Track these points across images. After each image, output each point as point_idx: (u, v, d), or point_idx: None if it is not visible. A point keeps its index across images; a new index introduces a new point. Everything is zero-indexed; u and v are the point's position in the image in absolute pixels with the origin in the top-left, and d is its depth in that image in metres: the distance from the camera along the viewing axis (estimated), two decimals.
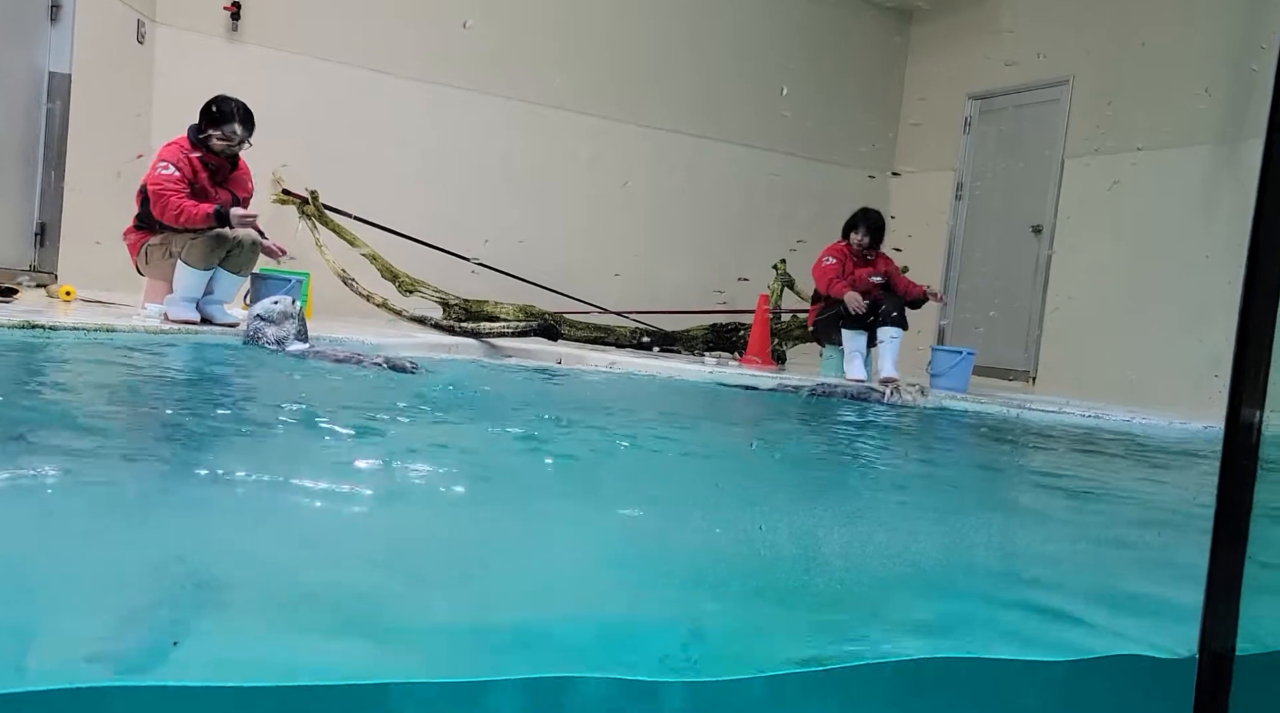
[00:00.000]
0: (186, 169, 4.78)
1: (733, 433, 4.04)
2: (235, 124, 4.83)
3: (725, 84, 8.90)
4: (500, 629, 1.39)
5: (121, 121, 6.64)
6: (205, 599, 1.41)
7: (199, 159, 4.84)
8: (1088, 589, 1.78)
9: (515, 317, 6.30)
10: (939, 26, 9.37)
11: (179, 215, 4.67)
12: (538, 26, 8.16)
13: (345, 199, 6.36)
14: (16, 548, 1.49)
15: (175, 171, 4.73)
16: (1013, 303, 8.27)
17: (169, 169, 4.72)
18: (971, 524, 2.34)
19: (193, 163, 4.81)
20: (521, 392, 4.47)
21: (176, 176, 4.72)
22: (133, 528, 1.68)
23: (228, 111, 4.84)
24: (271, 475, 2.03)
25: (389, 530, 1.86)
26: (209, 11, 7.09)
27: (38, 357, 3.53)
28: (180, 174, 4.74)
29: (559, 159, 8.33)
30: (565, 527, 1.92)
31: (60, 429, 2.29)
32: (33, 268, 5.78)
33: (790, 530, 2.07)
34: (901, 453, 3.84)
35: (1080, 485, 3.16)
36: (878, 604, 1.67)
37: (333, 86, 7.45)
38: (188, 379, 3.73)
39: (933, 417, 4.97)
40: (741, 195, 9.09)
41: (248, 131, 4.90)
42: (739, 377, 5.74)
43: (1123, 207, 7.49)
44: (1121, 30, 7.59)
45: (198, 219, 4.68)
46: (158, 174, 4.72)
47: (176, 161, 4.75)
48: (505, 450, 2.69)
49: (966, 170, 8.99)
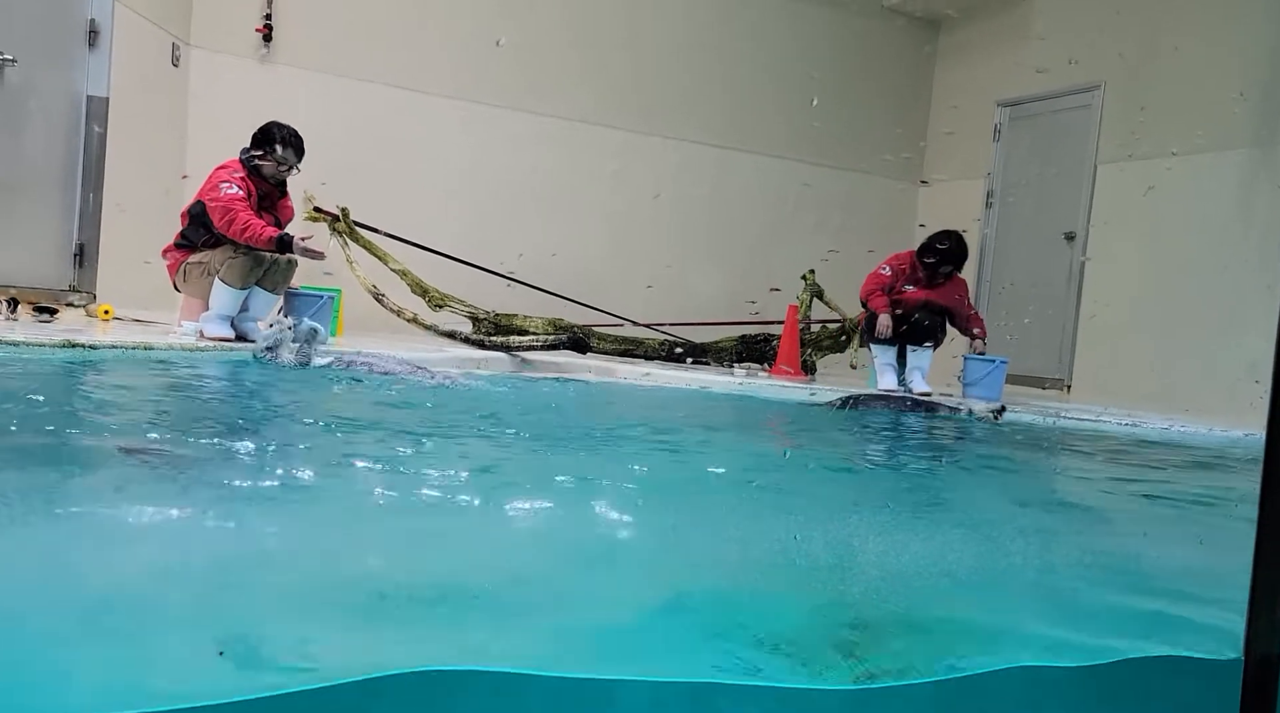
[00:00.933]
0: (247, 189, 4.86)
1: (844, 448, 4.03)
2: (288, 150, 4.91)
3: (753, 95, 8.90)
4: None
5: (158, 143, 6.76)
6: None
7: (251, 183, 4.92)
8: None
9: (544, 330, 6.31)
10: (968, 34, 9.32)
11: (245, 230, 4.72)
12: (564, 42, 8.21)
13: (376, 216, 6.42)
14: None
15: (239, 190, 4.80)
16: (1046, 311, 8.18)
17: (233, 188, 4.79)
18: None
19: (248, 185, 4.88)
20: (619, 406, 4.50)
21: (242, 195, 4.79)
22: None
23: (280, 138, 4.91)
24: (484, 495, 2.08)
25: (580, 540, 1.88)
26: (241, 34, 7.21)
27: (104, 375, 3.60)
28: (242, 193, 4.82)
29: (587, 173, 8.37)
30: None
31: (181, 441, 2.35)
32: (72, 287, 5.88)
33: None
34: (1021, 468, 3.75)
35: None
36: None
37: (362, 105, 7.54)
38: (247, 392, 3.78)
39: (1003, 429, 4.89)
40: (770, 206, 9.08)
41: (298, 158, 4.98)
42: (787, 390, 5.73)
43: (1157, 212, 7.40)
44: (1153, 35, 7.52)
45: (261, 240, 4.73)
46: (223, 193, 4.78)
47: (238, 182, 4.84)
48: (677, 467, 2.73)
49: (997, 178, 8.92)
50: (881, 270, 6.24)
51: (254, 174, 4.93)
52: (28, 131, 5.63)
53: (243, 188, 4.82)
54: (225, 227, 4.74)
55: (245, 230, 4.71)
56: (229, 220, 4.72)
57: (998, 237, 8.90)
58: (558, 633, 1.46)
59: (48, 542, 1.54)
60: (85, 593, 1.37)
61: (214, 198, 4.78)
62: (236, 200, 4.75)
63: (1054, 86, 8.29)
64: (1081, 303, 7.99)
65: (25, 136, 5.61)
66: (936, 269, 6.12)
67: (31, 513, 1.65)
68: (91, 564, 1.48)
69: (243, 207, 4.75)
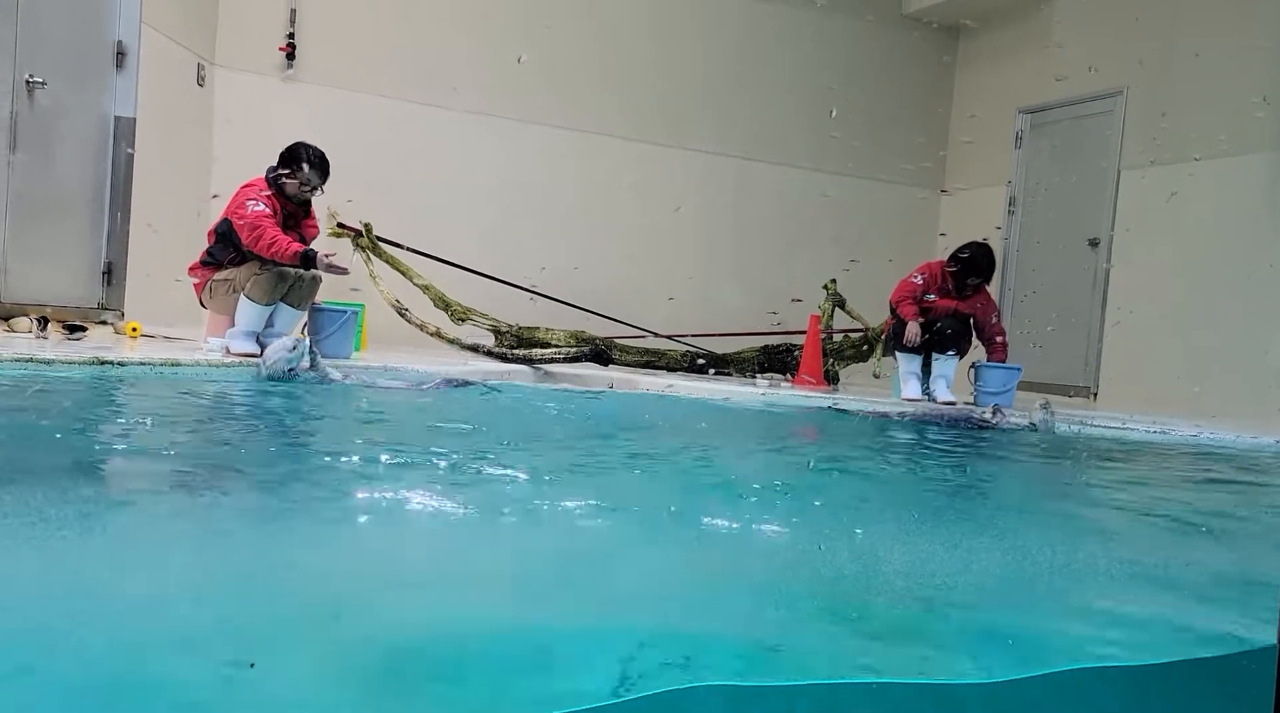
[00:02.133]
0: (272, 207, 4.92)
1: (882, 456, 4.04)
2: (314, 171, 4.96)
3: (773, 106, 8.92)
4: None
5: (184, 162, 6.85)
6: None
7: (277, 201, 4.97)
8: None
9: (566, 342, 6.34)
10: (987, 42, 9.30)
11: (272, 246, 4.77)
12: (585, 55, 8.26)
13: (399, 231, 6.47)
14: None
15: (265, 208, 4.86)
16: (1071, 318, 8.12)
17: (260, 206, 4.84)
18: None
19: (273, 204, 4.94)
20: (675, 420, 4.55)
21: (268, 212, 4.85)
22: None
23: (307, 158, 4.96)
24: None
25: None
26: (265, 53, 7.30)
27: (135, 392, 3.66)
28: (268, 210, 4.87)
29: (608, 185, 8.40)
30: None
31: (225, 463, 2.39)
32: (101, 305, 5.97)
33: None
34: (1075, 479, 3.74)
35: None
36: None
37: (385, 121, 7.61)
38: (282, 408, 3.83)
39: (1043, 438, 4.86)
40: (791, 216, 9.07)
41: (322, 178, 5.02)
42: (814, 399, 5.72)
43: (1182, 217, 7.34)
44: (1174, 39, 7.47)
45: (287, 255, 4.78)
46: (250, 210, 4.83)
47: (265, 199, 4.89)
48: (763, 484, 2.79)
49: (1019, 185, 8.88)
50: (914, 278, 6.22)
51: (279, 193, 4.98)
52: (57, 153, 5.72)
53: (269, 205, 4.88)
54: (253, 242, 4.80)
55: (272, 246, 4.76)
56: (256, 236, 4.77)
57: (1020, 244, 8.85)
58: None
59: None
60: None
61: (240, 215, 4.84)
62: (263, 217, 4.80)
63: (1075, 93, 8.24)
64: (1107, 309, 7.92)
65: (55, 158, 5.71)
66: (964, 280, 6.10)
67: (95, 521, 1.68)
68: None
69: (270, 222, 4.81)
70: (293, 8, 7.32)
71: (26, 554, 1.56)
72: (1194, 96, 7.31)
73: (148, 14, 6.06)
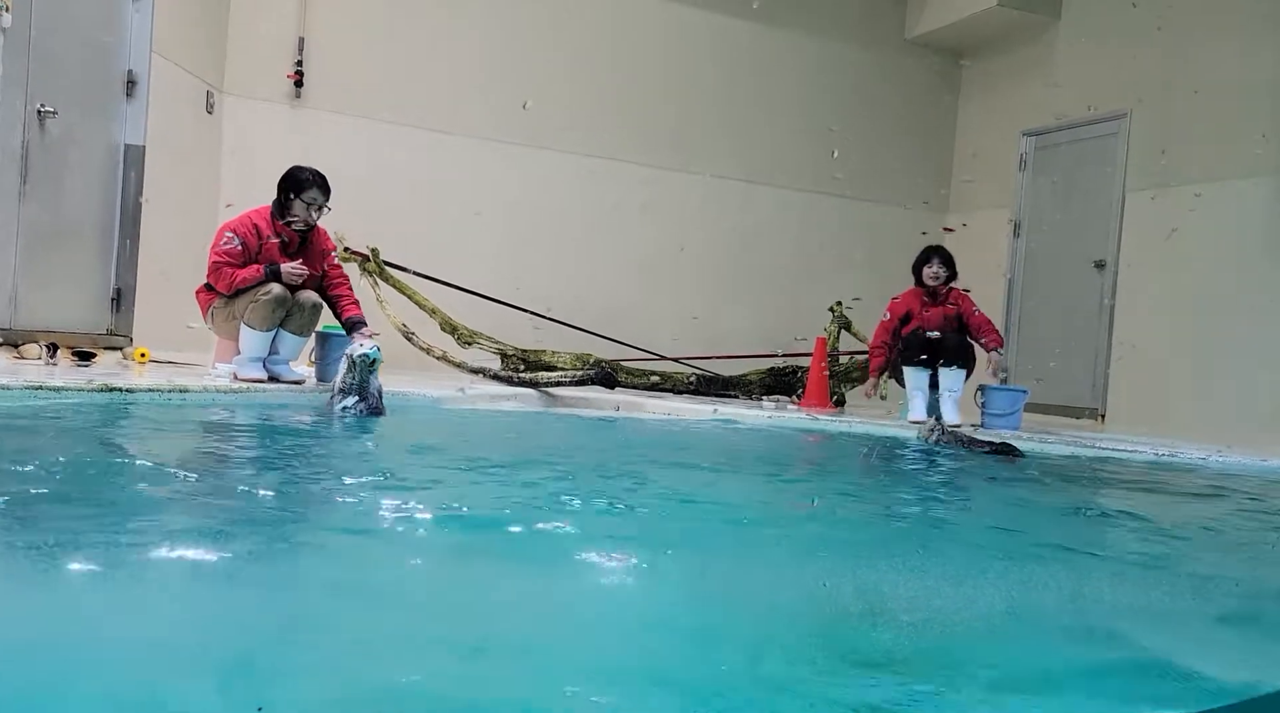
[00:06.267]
0: (252, 239, 4.88)
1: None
2: (316, 188, 4.96)
3: (779, 130, 8.96)
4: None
5: (193, 189, 6.90)
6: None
7: (274, 229, 4.95)
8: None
9: (572, 365, 6.35)
10: (991, 66, 9.34)
11: (231, 284, 4.83)
12: (591, 80, 8.32)
13: (406, 255, 6.51)
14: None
15: (238, 244, 4.84)
16: (1077, 339, 8.11)
17: (233, 243, 4.84)
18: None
19: (260, 232, 4.91)
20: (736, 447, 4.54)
21: (237, 250, 4.83)
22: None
23: (307, 177, 4.97)
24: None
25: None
26: (273, 81, 7.37)
27: (146, 419, 3.67)
28: (243, 247, 4.86)
29: (613, 209, 8.44)
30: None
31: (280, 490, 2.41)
32: (110, 331, 6.00)
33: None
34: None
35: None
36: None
37: (392, 147, 7.67)
38: (303, 433, 3.84)
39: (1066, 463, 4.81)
40: (795, 239, 9.10)
41: (326, 196, 5.01)
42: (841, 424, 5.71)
43: (1188, 237, 7.34)
44: (1178, 62, 7.50)
45: (252, 281, 4.82)
46: (220, 247, 4.86)
47: (244, 233, 4.87)
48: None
49: (1024, 208, 8.89)
50: (883, 317, 6.38)
51: (282, 221, 4.96)
52: (67, 181, 5.77)
53: (248, 238, 4.85)
54: (216, 284, 4.87)
55: (232, 283, 4.82)
56: (216, 278, 4.87)
57: (1025, 266, 8.85)
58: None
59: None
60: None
61: (212, 251, 4.88)
62: (226, 257, 4.81)
63: (1079, 116, 8.27)
64: (1114, 331, 7.91)
65: (65, 185, 5.75)
66: (929, 277, 6.17)
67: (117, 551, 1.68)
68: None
69: (229, 263, 4.81)
70: (301, 36, 7.40)
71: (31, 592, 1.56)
72: (1198, 119, 7.32)
73: (158, 43, 6.13)
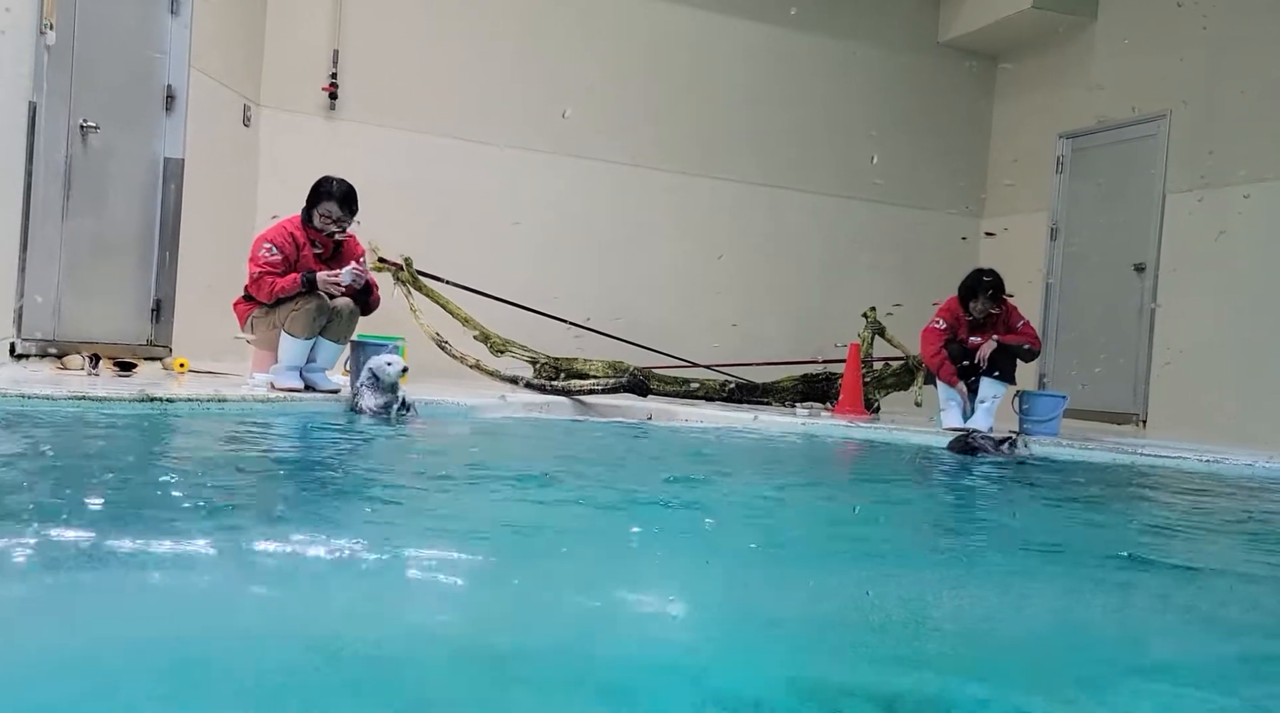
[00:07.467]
0: (290, 248, 4.93)
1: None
2: (332, 202, 4.99)
3: (810, 135, 8.92)
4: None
5: (230, 200, 7.01)
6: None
7: (307, 238, 5.02)
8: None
9: (604, 373, 6.35)
10: (1026, 68, 9.24)
11: (272, 292, 4.88)
12: (623, 87, 8.35)
13: (440, 264, 6.55)
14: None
15: (278, 254, 4.90)
16: (1118, 343, 7.98)
17: (273, 253, 4.90)
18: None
19: (297, 240, 4.97)
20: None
21: (277, 259, 4.89)
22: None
23: (327, 191, 5.01)
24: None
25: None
26: (309, 93, 7.46)
27: (187, 429, 3.72)
28: (282, 256, 4.92)
29: (646, 216, 8.45)
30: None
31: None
32: (150, 342, 6.10)
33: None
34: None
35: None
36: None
37: (426, 157, 7.74)
38: (346, 442, 3.87)
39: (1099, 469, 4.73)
40: (828, 244, 9.05)
41: (345, 210, 5.03)
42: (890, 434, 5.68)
43: (1231, 239, 7.20)
44: (1225, 62, 7.37)
45: (290, 290, 4.87)
46: (260, 257, 4.91)
47: (281, 242, 4.93)
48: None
49: (1061, 211, 8.78)
50: (936, 325, 6.03)
51: (312, 227, 5.02)
52: (109, 194, 5.88)
53: (286, 248, 4.91)
54: (258, 293, 4.92)
55: (273, 291, 4.86)
56: (258, 287, 4.91)
57: (1064, 270, 8.73)
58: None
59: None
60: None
61: (253, 261, 4.93)
62: (267, 267, 4.86)
63: (1118, 117, 8.16)
64: (1155, 335, 7.78)
65: (107, 199, 5.87)
66: (976, 311, 5.98)
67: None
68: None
69: (270, 272, 4.87)
70: (335, 48, 7.49)
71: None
72: (1241, 118, 7.19)
73: (196, 59, 6.24)
